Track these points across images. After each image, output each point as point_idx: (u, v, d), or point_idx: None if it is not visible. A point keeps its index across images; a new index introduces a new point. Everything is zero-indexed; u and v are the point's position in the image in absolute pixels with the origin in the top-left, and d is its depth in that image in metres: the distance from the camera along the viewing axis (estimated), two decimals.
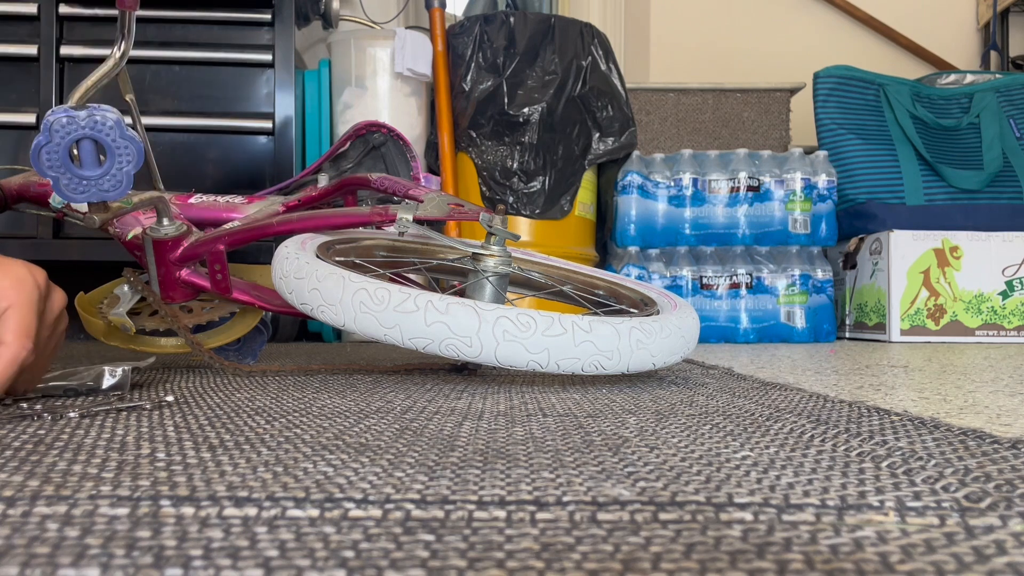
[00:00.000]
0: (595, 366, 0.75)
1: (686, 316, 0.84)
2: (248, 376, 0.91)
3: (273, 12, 1.83)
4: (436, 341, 0.72)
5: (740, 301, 2.00)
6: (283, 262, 0.83)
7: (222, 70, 1.84)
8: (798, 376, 0.98)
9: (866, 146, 2.16)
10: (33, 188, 1.05)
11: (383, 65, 1.97)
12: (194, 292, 0.98)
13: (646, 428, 0.53)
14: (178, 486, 0.36)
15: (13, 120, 1.78)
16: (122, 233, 1.00)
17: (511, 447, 0.46)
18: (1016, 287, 2.00)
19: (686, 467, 0.41)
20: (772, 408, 0.64)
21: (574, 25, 1.99)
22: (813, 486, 0.37)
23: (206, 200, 1.09)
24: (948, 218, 2.08)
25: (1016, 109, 2.21)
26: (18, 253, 1.76)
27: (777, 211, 2.01)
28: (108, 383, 0.70)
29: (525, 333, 0.72)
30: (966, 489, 0.36)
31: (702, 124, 2.43)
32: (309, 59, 2.28)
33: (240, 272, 1.05)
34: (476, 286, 0.89)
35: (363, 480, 0.37)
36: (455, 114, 1.99)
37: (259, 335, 1.12)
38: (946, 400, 0.73)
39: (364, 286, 0.74)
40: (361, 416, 0.58)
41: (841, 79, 2.21)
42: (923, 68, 2.97)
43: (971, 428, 0.53)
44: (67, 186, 0.74)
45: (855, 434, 0.51)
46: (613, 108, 2.00)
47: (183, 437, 0.49)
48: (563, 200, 1.97)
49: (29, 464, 0.41)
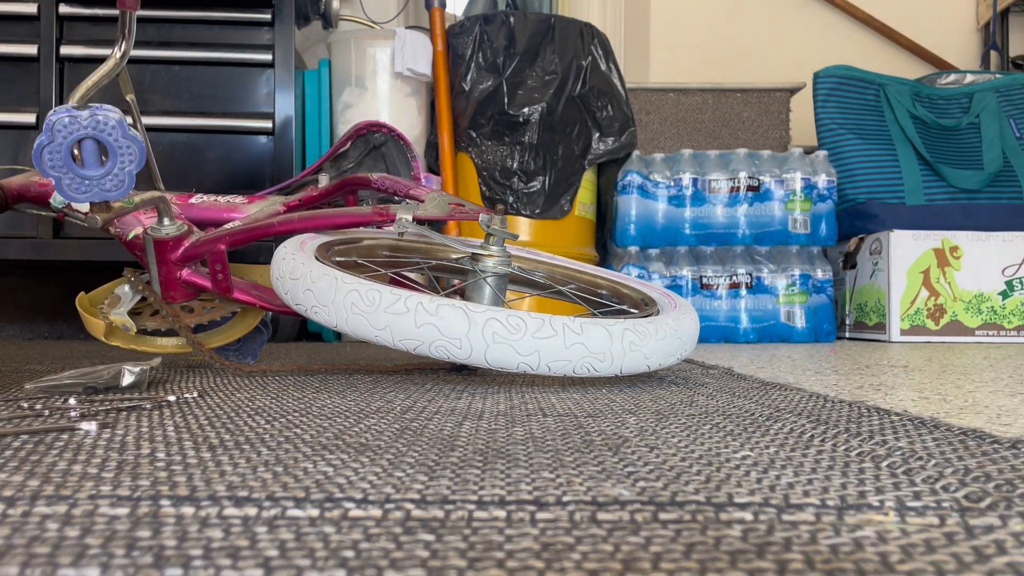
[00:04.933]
0: (587, 368, 0.74)
1: (684, 317, 0.84)
2: (248, 376, 0.91)
3: (273, 12, 1.83)
4: (426, 343, 0.72)
5: (740, 301, 2.00)
6: (280, 262, 0.83)
7: (222, 70, 1.84)
8: (798, 376, 0.98)
9: (866, 146, 2.16)
10: (34, 188, 1.05)
11: (383, 65, 1.97)
12: (195, 292, 0.98)
13: (646, 428, 0.53)
14: (178, 486, 0.36)
15: (13, 120, 1.78)
16: (123, 233, 1.00)
17: (511, 447, 0.46)
18: (1016, 287, 2.00)
19: (686, 467, 0.41)
20: (772, 408, 0.64)
21: (574, 25, 1.99)
22: (813, 486, 0.37)
23: (207, 200, 1.09)
24: (948, 218, 2.08)
25: (1016, 109, 2.21)
26: (18, 253, 1.77)
27: (777, 211, 2.01)
28: (128, 381, 0.71)
29: (515, 335, 0.72)
30: (966, 489, 0.36)
31: (702, 124, 2.43)
32: (309, 59, 2.28)
33: (240, 272, 1.05)
34: (475, 286, 0.89)
35: (363, 480, 0.37)
36: (455, 114, 1.99)
37: (259, 335, 1.12)
38: (946, 400, 0.73)
39: (356, 287, 0.74)
40: (361, 416, 0.58)
41: (841, 79, 2.21)
42: (923, 68, 2.97)
43: (971, 428, 0.53)
44: (69, 186, 0.74)
45: (855, 434, 0.51)
46: (613, 108, 2.00)
47: (183, 437, 0.49)
48: (563, 200, 1.97)
49: (29, 464, 0.41)
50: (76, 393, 0.69)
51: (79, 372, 0.71)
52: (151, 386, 0.78)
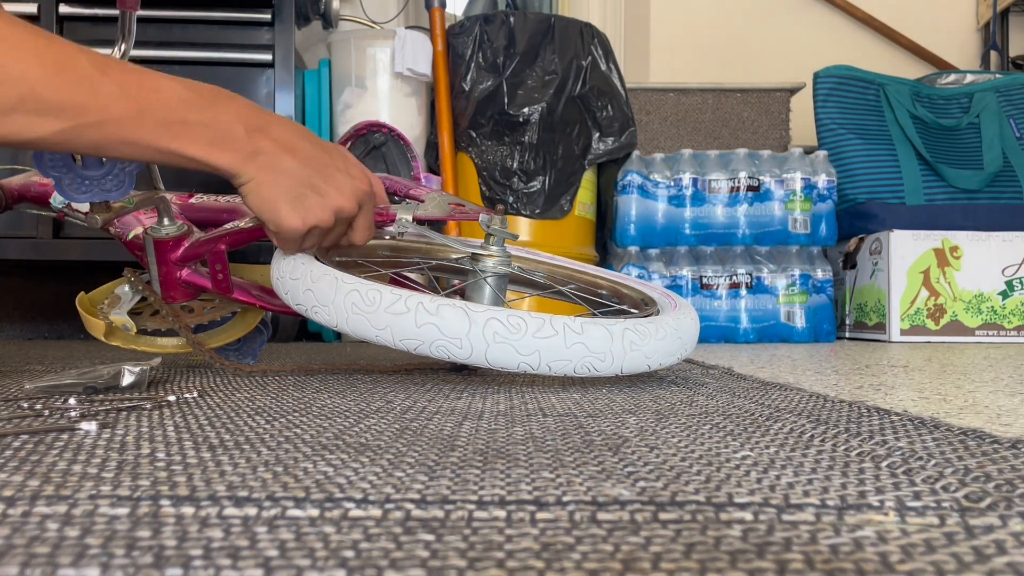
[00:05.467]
0: (587, 368, 0.74)
1: (684, 317, 0.84)
2: (248, 376, 0.91)
3: (273, 12, 1.83)
4: (427, 343, 0.72)
5: (740, 301, 2.00)
6: (280, 262, 0.83)
7: (222, 70, 1.84)
8: (798, 376, 0.98)
9: (866, 146, 2.16)
10: (34, 188, 1.05)
11: (383, 65, 1.97)
12: (195, 292, 0.98)
13: (646, 428, 0.54)
14: (178, 486, 0.36)
15: None
16: (123, 233, 1.00)
17: (511, 447, 0.46)
18: (1016, 287, 2.00)
19: (686, 467, 0.41)
20: (772, 408, 0.64)
21: (574, 25, 1.99)
22: (813, 486, 0.37)
23: (207, 200, 1.09)
24: (948, 218, 2.08)
25: (1016, 109, 2.21)
26: (18, 253, 1.77)
27: (777, 211, 2.01)
28: (128, 381, 0.71)
29: (515, 335, 0.72)
30: (966, 489, 0.36)
31: (702, 124, 2.43)
32: (309, 59, 2.28)
33: (241, 272, 1.05)
34: (475, 286, 0.89)
35: (363, 480, 0.37)
36: (455, 114, 1.99)
37: (259, 335, 1.12)
38: (946, 400, 0.73)
39: (356, 287, 0.74)
40: (361, 416, 0.58)
41: (841, 79, 2.21)
42: (923, 68, 2.97)
43: (971, 428, 0.53)
44: (69, 186, 0.74)
45: (855, 434, 0.51)
46: (613, 108, 2.00)
47: (183, 437, 0.49)
48: (563, 200, 1.97)
49: (29, 464, 0.41)
50: (76, 393, 0.69)
51: (79, 372, 0.71)
52: (151, 386, 0.78)
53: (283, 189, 0.71)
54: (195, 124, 0.65)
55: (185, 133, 0.65)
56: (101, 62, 0.60)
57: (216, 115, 0.66)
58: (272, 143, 0.70)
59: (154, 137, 0.63)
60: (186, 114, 0.65)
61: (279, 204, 0.72)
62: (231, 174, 0.69)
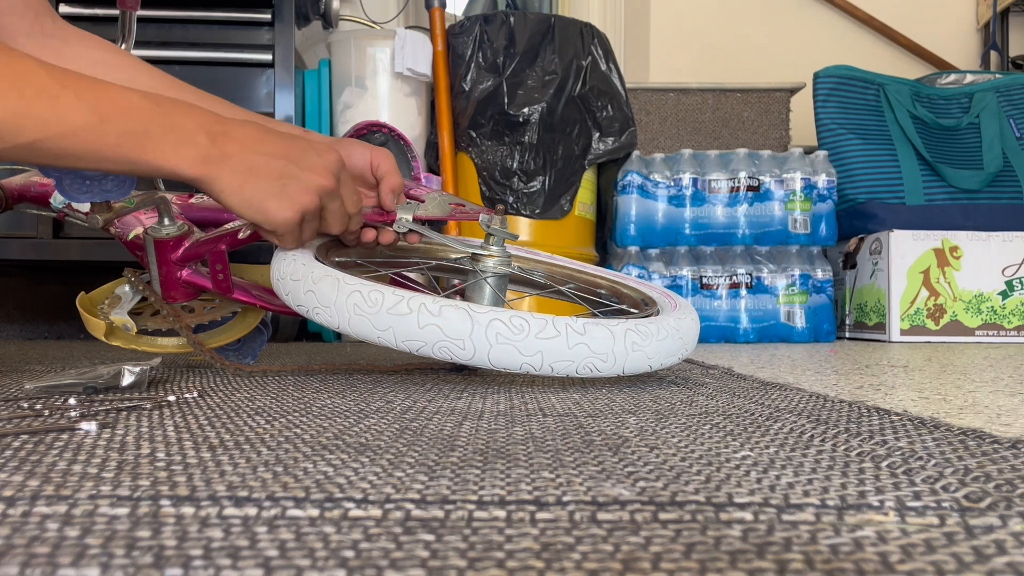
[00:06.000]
0: (589, 368, 0.74)
1: (684, 317, 0.84)
2: (248, 376, 0.91)
3: (273, 12, 1.83)
4: (429, 344, 0.72)
5: (740, 301, 2.00)
6: (281, 263, 0.83)
7: (222, 70, 1.84)
8: (798, 376, 0.98)
9: (866, 146, 2.16)
10: (34, 188, 1.05)
11: (383, 65, 1.97)
12: (195, 292, 0.98)
13: (646, 428, 0.54)
14: (178, 486, 0.36)
15: None
16: (123, 233, 1.00)
17: (511, 447, 0.46)
18: (1016, 287, 2.00)
19: (686, 467, 0.41)
20: (772, 408, 0.64)
21: (574, 25, 1.99)
22: (813, 486, 0.37)
23: (207, 200, 1.09)
24: (948, 218, 2.08)
25: (1016, 109, 2.21)
26: (18, 253, 1.77)
27: (777, 211, 2.01)
28: (127, 381, 0.71)
29: (518, 336, 0.72)
30: (966, 489, 0.36)
31: (702, 124, 2.43)
32: (309, 59, 2.28)
33: (241, 272, 1.05)
34: (475, 287, 0.89)
35: (363, 480, 0.37)
36: (455, 114, 1.99)
37: (260, 335, 1.12)
38: (946, 400, 0.73)
39: (358, 288, 0.74)
40: (361, 416, 0.58)
41: (841, 79, 2.21)
42: (923, 68, 2.97)
43: (971, 428, 0.53)
44: (70, 186, 0.74)
45: (855, 434, 0.51)
46: (613, 108, 2.00)
47: (183, 437, 0.49)
48: (563, 200, 1.97)
49: (29, 464, 0.41)
50: (76, 393, 0.69)
51: (79, 372, 0.71)
52: (151, 386, 0.78)
53: (263, 185, 0.71)
54: (157, 133, 0.65)
55: (148, 142, 0.64)
56: (60, 75, 0.61)
57: (177, 123, 0.66)
58: (238, 145, 0.70)
59: (116, 147, 0.63)
60: (148, 124, 0.64)
61: (265, 201, 0.72)
62: (199, 180, 0.68)
